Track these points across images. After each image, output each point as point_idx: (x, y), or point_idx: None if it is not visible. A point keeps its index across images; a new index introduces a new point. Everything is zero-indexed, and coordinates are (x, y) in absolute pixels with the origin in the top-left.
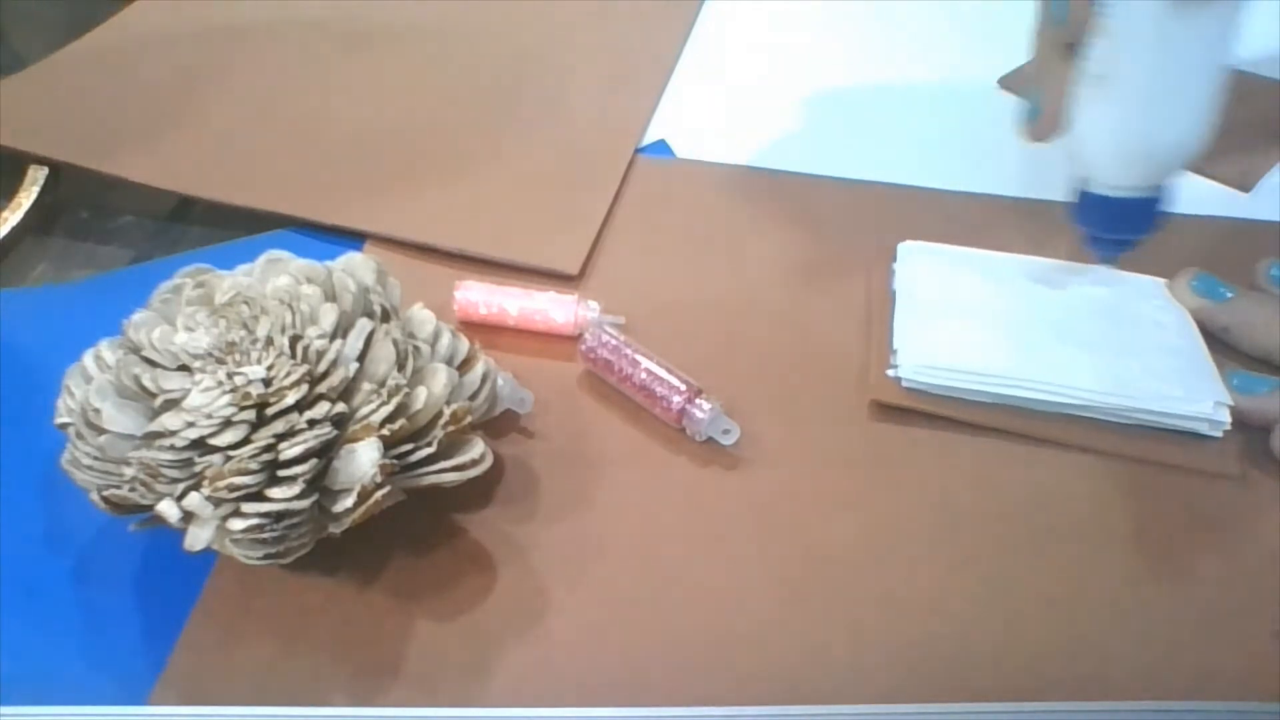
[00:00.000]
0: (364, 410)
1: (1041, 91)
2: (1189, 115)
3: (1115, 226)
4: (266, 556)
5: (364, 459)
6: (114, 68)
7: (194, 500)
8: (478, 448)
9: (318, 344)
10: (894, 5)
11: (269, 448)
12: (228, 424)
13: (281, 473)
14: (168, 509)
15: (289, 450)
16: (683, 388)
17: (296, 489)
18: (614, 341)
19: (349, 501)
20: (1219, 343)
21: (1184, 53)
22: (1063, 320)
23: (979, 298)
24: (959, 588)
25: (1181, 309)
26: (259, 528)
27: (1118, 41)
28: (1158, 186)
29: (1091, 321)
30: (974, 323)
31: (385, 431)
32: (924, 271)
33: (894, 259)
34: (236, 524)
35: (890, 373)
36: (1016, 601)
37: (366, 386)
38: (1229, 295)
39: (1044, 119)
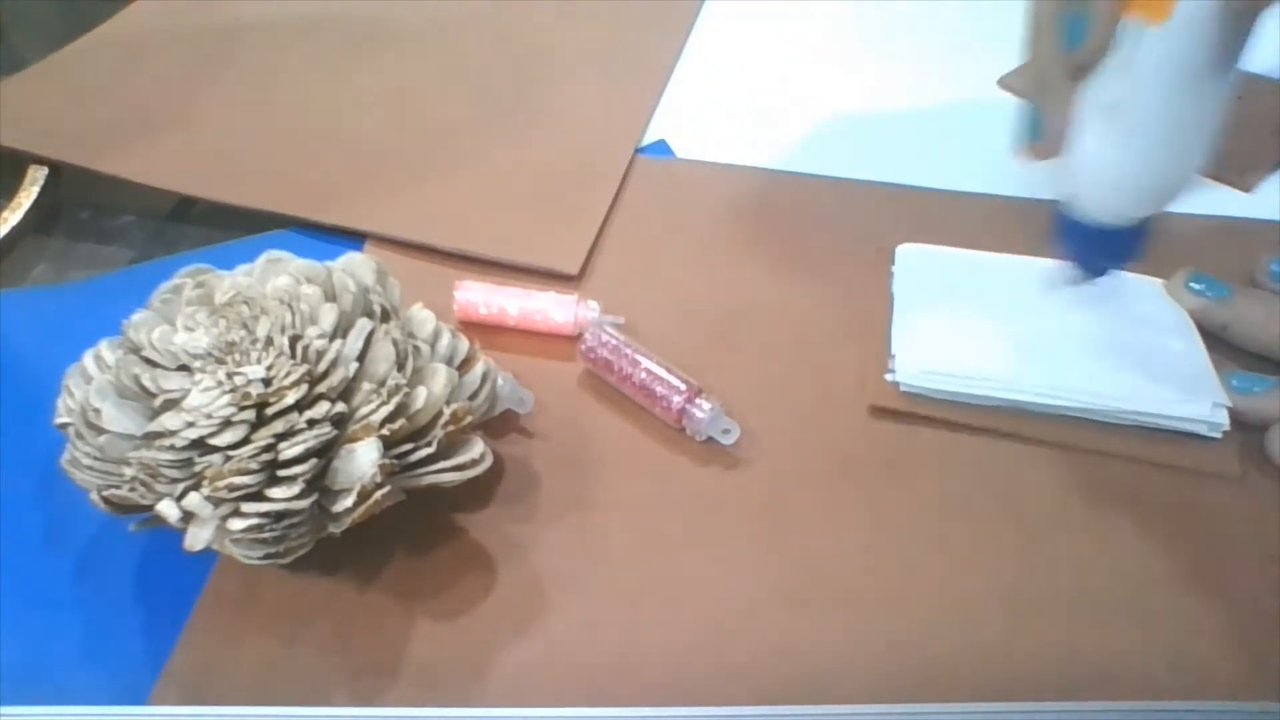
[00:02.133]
0: (364, 410)
1: (1043, 112)
2: (1193, 152)
3: (1100, 253)
4: (266, 556)
5: (364, 459)
6: (114, 68)
7: (194, 500)
8: (478, 448)
9: (318, 344)
10: (894, 5)
11: (269, 448)
12: (227, 424)
13: (281, 473)
14: (168, 509)
15: (289, 450)
16: (683, 388)
17: (296, 489)
18: (614, 341)
19: (349, 501)
20: (1218, 341)
21: (1202, 92)
22: (1060, 322)
23: (975, 300)
24: (959, 587)
25: (1179, 309)
26: (259, 528)
27: (1138, 74)
28: (1142, 223)
29: (1089, 323)
30: (971, 326)
31: (385, 431)
32: (921, 274)
33: (892, 261)
34: (236, 524)
35: (888, 377)
36: (1016, 601)
37: (366, 386)
38: (1226, 293)
39: (1046, 141)
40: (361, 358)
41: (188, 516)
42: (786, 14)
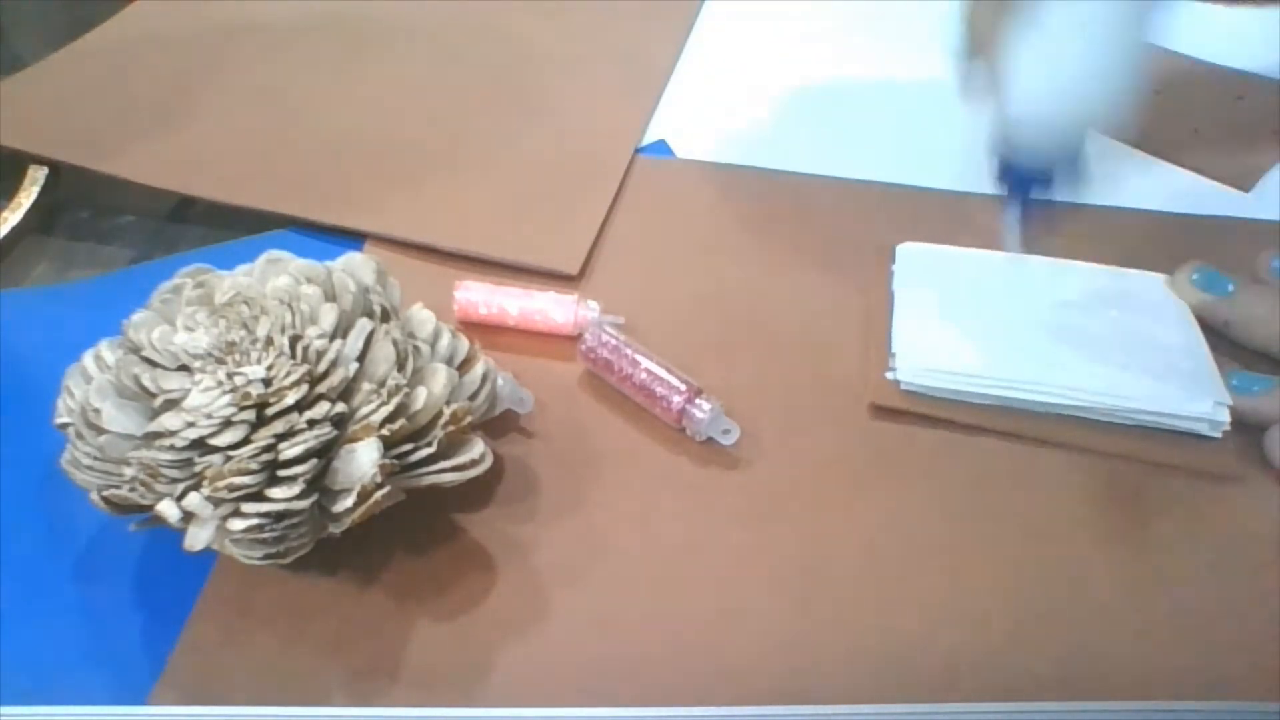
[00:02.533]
0: (364, 410)
1: (985, 61)
2: (1125, 69)
3: (1036, 183)
4: (266, 556)
5: (364, 459)
6: (114, 68)
7: (194, 500)
8: (478, 448)
9: (318, 344)
10: (893, 5)
11: (269, 448)
12: (228, 424)
13: (281, 473)
14: (168, 509)
15: (289, 450)
16: (683, 388)
17: (296, 489)
18: (614, 341)
19: (349, 501)
20: (1220, 338)
21: (1114, 13)
22: (1062, 320)
23: (977, 298)
24: (959, 587)
25: (1182, 306)
26: (259, 528)
27: None
28: (1075, 148)
29: (1091, 321)
30: (972, 324)
31: (385, 431)
32: (922, 273)
33: (892, 260)
34: (236, 524)
35: (889, 375)
36: (1016, 601)
37: (366, 386)
38: (1230, 289)
39: (978, 66)
40: (361, 358)
41: (188, 516)
42: (786, 14)
